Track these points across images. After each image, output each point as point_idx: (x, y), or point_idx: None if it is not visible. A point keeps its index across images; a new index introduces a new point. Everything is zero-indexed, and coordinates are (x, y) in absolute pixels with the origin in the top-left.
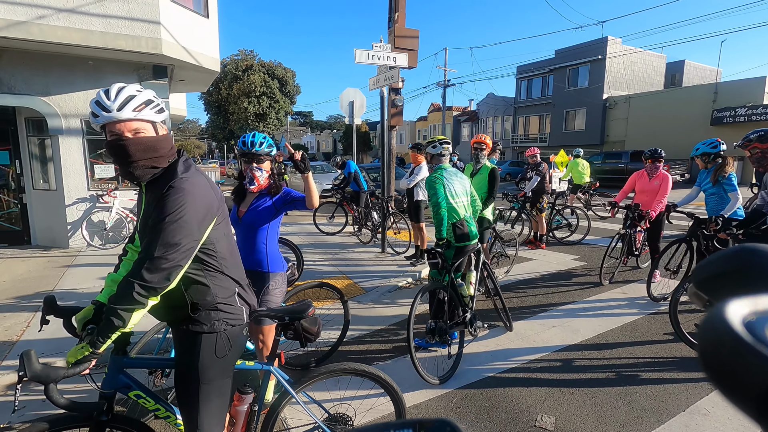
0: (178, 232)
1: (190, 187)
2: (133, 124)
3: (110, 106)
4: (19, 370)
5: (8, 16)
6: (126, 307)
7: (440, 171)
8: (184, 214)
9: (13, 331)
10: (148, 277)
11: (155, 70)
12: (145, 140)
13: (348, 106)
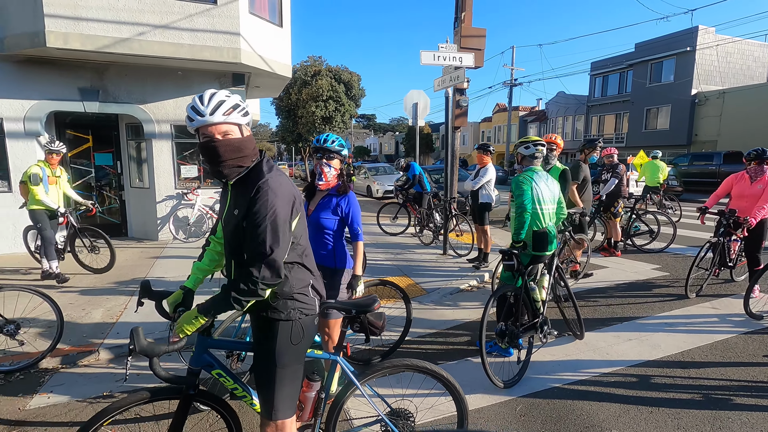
0: (275, 228)
1: (276, 187)
2: (222, 127)
3: (204, 110)
4: (129, 344)
5: (115, 34)
6: (248, 299)
7: (531, 173)
8: (277, 213)
9: (114, 312)
10: (267, 271)
11: (234, 78)
12: (232, 141)
13: (412, 108)
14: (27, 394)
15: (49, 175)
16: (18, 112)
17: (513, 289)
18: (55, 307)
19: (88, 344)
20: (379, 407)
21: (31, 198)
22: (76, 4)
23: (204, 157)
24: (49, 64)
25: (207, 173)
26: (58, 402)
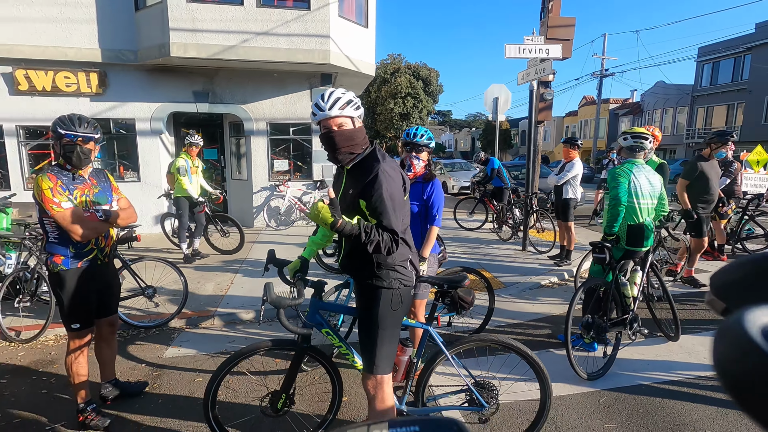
0: (390, 206)
1: (389, 169)
2: (338, 120)
3: (324, 106)
4: (263, 296)
5: (224, 43)
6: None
7: (629, 165)
8: (390, 191)
9: (222, 286)
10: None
11: (323, 78)
12: (345, 132)
13: (492, 102)
14: (163, 345)
15: (191, 167)
16: (146, 113)
17: (603, 283)
18: (182, 277)
19: (206, 311)
20: (463, 380)
21: (178, 187)
22: (194, 18)
23: (324, 145)
24: (171, 71)
25: (294, 170)
26: (187, 354)
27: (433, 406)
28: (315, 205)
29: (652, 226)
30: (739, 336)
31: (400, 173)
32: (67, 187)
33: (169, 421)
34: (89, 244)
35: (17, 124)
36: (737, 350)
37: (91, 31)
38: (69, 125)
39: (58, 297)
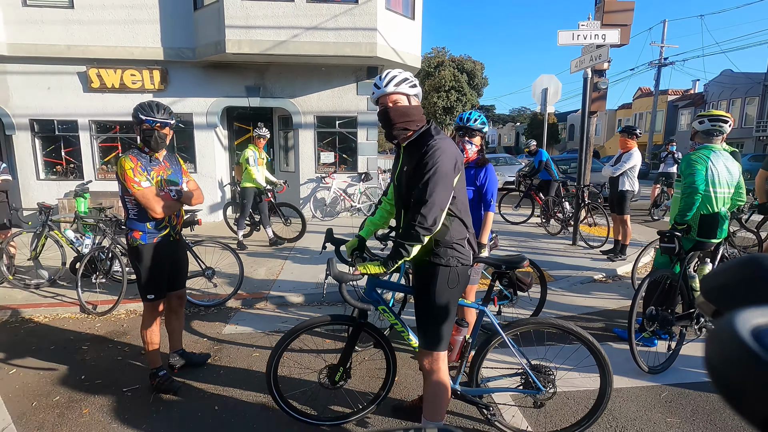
0: (439, 182)
1: (444, 146)
2: (393, 96)
3: (380, 84)
4: (326, 270)
5: (275, 38)
6: (411, 243)
7: (706, 151)
8: (441, 166)
9: (273, 271)
10: (424, 219)
11: (368, 71)
12: (400, 108)
13: (541, 93)
14: (221, 322)
15: (257, 157)
16: (202, 107)
17: (669, 275)
18: (239, 260)
19: (259, 293)
20: (518, 361)
21: (246, 177)
22: (248, 15)
23: (381, 122)
24: (225, 67)
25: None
26: (243, 332)
27: (487, 387)
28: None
29: (727, 216)
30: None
31: (455, 150)
32: (145, 167)
33: (230, 390)
34: (163, 221)
35: (90, 119)
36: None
37: (154, 30)
38: (149, 111)
39: (136, 269)
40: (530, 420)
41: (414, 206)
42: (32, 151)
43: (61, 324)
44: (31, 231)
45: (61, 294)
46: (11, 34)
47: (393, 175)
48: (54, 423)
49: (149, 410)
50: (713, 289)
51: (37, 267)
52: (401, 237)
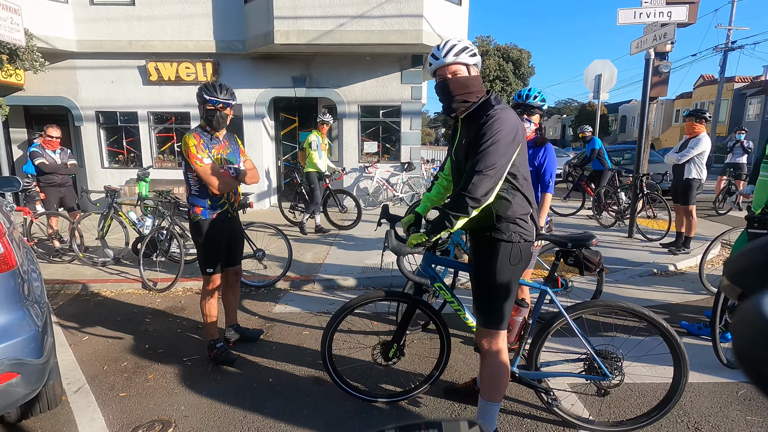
0: (496, 152)
1: (504, 116)
2: (452, 67)
3: (439, 54)
4: (384, 242)
5: (322, 28)
6: (456, 214)
7: None
8: (500, 137)
9: (319, 256)
10: (474, 189)
11: (413, 59)
12: (460, 79)
13: (594, 80)
14: (271, 302)
15: (321, 143)
16: (251, 98)
17: None
18: (287, 243)
19: (307, 275)
20: (580, 347)
21: (309, 162)
22: (295, 5)
23: (439, 95)
24: (273, 59)
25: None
26: (293, 311)
27: (547, 371)
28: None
29: None
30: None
31: (516, 121)
32: (207, 145)
33: (282, 365)
34: (222, 197)
35: (148, 111)
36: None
37: (207, 24)
38: (212, 92)
39: (197, 243)
40: (591, 410)
41: (466, 176)
42: (97, 141)
43: (126, 298)
44: (99, 213)
45: (125, 271)
46: (80, 31)
47: (450, 150)
48: (123, 385)
49: (208, 378)
50: (739, 272)
51: (104, 246)
52: (448, 207)
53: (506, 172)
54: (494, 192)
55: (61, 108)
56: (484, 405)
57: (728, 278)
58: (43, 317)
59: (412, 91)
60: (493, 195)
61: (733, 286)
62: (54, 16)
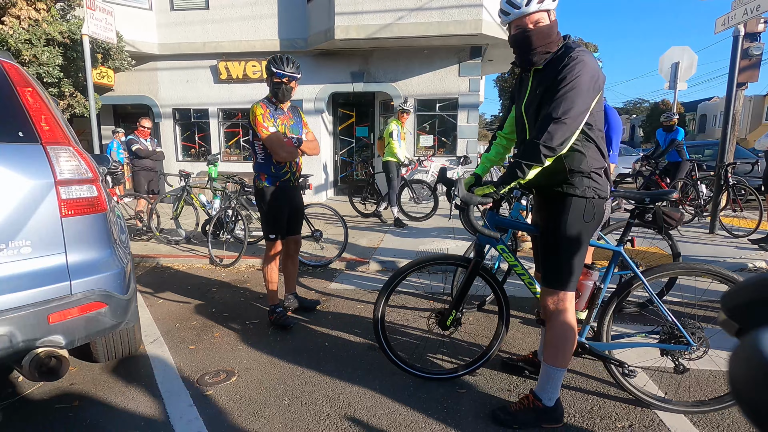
0: (577, 97)
1: (586, 58)
2: (535, 16)
3: (519, 2)
4: (453, 190)
5: (380, 22)
6: (528, 163)
7: None
8: (581, 81)
9: (374, 241)
10: (550, 137)
11: (471, 51)
12: (543, 29)
13: (670, 68)
14: (327, 280)
15: (400, 132)
16: (311, 94)
17: None
18: (344, 226)
19: (362, 257)
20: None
21: (388, 150)
22: (356, 1)
23: (516, 48)
24: (332, 55)
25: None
26: (347, 288)
27: (620, 342)
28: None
29: None
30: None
31: (597, 66)
32: (273, 115)
33: (338, 333)
34: (285, 166)
35: (218, 107)
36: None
37: (272, 24)
38: (280, 65)
39: (261, 210)
40: (666, 390)
41: (541, 122)
42: (173, 136)
43: (195, 272)
44: (173, 197)
45: (195, 249)
46: (161, 35)
47: (517, 106)
48: (192, 340)
49: (268, 339)
50: (736, 306)
51: (177, 226)
52: (519, 156)
53: (584, 121)
54: (570, 141)
55: (143, 106)
56: (547, 370)
57: (725, 312)
58: (128, 262)
59: (470, 84)
60: (568, 144)
61: (731, 321)
62: (139, 22)
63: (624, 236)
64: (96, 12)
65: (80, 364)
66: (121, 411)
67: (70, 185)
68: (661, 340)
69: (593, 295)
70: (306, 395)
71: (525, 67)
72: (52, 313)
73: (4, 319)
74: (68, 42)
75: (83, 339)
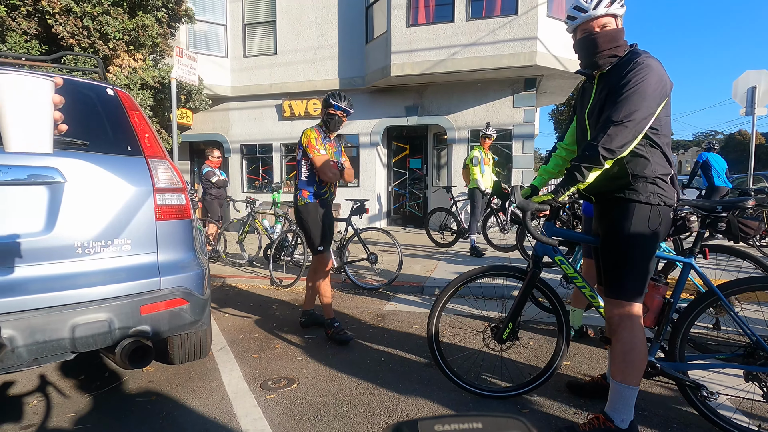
0: (639, 100)
1: (652, 63)
2: (602, 20)
3: (587, 6)
4: (510, 196)
5: (434, 58)
6: (588, 165)
7: None
8: (646, 85)
9: (427, 269)
10: (609, 140)
11: (526, 83)
12: (610, 32)
13: (746, 93)
14: (382, 300)
15: (483, 158)
16: (367, 128)
17: None
18: (399, 250)
19: (416, 282)
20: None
21: (472, 178)
22: (411, 40)
23: (582, 51)
24: (388, 91)
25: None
26: (402, 309)
27: (696, 363)
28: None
29: None
30: None
31: (663, 72)
32: (323, 140)
33: (394, 350)
34: (326, 186)
35: (281, 143)
36: None
37: (333, 65)
38: (337, 99)
39: (305, 226)
40: (753, 420)
41: (602, 125)
42: (240, 169)
43: (257, 291)
44: (240, 221)
45: (257, 271)
46: (234, 78)
47: (579, 114)
48: (255, 350)
49: (327, 352)
50: None
51: (242, 249)
52: (578, 159)
53: (648, 126)
54: (631, 145)
55: (215, 143)
56: (617, 387)
57: None
58: (206, 266)
59: (525, 114)
60: (629, 148)
61: None
62: (216, 68)
63: (695, 247)
64: (183, 59)
65: (157, 365)
66: (192, 406)
67: (164, 193)
68: (743, 361)
69: (663, 311)
70: (364, 404)
71: (591, 69)
72: (143, 305)
73: (106, 306)
74: (158, 86)
75: (166, 332)
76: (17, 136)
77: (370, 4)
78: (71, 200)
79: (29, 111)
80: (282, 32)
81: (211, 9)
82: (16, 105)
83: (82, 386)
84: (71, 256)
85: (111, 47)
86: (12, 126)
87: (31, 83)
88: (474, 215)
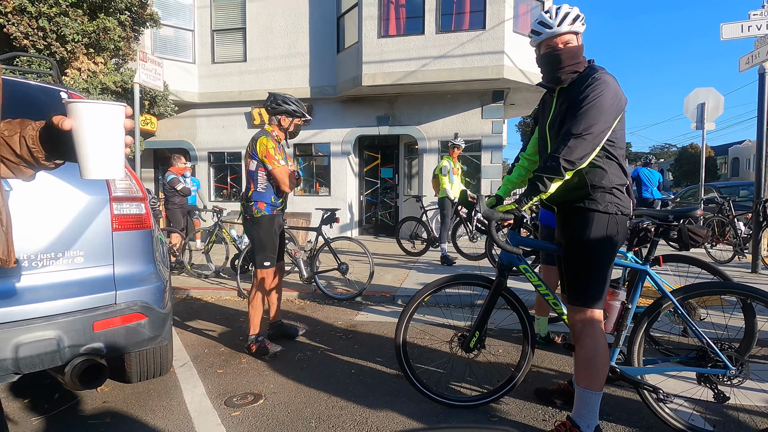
0: (597, 114)
1: (609, 79)
2: (566, 37)
3: (552, 23)
4: (476, 206)
5: (405, 69)
6: (549, 176)
7: None
8: (603, 100)
9: (398, 278)
10: (570, 152)
11: (494, 95)
12: (573, 49)
13: (696, 109)
14: (354, 310)
15: (452, 168)
16: (339, 137)
17: None
18: (370, 260)
19: (387, 292)
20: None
21: (441, 187)
22: (382, 51)
23: (545, 66)
24: (359, 101)
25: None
26: (373, 320)
27: (653, 367)
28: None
29: None
30: None
31: (618, 88)
32: (280, 149)
33: (364, 361)
34: (282, 196)
35: None
36: None
37: (304, 74)
38: (292, 104)
39: (257, 239)
40: (710, 422)
41: (562, 137)
42: (208, 177)
43: (223, 303)
44: (205, 231)
45: (224, 282)
46: (202, 85)
47: (540, 126)
48: (220, 365)
49: (295, 366)
50: None
51: (208, 260)
52: (540, 170)
53: (605, 139)
54: (590, 157)
55: (181, 150)
56: (581, 394)
57: None
58: (167, 279)
59: (493, 126)
60: (588, 160)
61: None
62: (183, 74)
63: (649, 254)
64: (147, 63)
65: (113, 384)
66: (150, 428)
67: (122, 201)
68: (696, 363)
69: (621, 316)
70: (333, 418)
71: (553, 84)
72: (96, 321)
73: (54, 323)
74: (120, 90)
75: (123, 349)
76: (96, 163)
77: (342, 15)
78: (17, 210)
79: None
80: (252, 39)
81: (178, 14)
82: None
83: (29, 409)
84: (15, 270)
85: (69, 49)
86: (92, 154)
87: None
88: (444, 224)
